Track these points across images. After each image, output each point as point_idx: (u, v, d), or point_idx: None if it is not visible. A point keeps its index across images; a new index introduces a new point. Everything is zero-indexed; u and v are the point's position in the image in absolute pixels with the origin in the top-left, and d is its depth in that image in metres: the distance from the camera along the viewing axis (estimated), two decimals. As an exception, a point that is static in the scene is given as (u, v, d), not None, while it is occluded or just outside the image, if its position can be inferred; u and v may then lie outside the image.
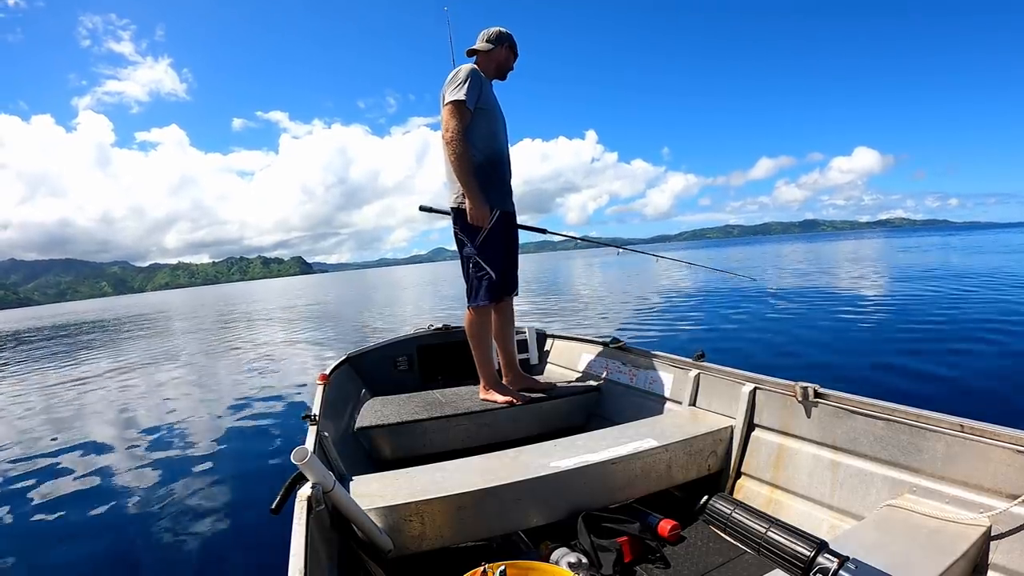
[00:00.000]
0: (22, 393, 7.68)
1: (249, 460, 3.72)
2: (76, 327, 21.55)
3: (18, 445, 4.95)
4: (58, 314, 45.86)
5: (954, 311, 6.95)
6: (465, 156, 2.23)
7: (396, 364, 3.16)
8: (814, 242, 71.16)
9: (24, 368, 10.71)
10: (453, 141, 2.21)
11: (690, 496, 1.81)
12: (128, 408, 6.14)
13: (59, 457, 4.41)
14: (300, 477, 1.25)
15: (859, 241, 54.47)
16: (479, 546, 1.59)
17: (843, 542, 1.25)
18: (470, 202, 2.26)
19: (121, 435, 4.91)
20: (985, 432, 1.27)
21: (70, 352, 12.67)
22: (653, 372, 2.39)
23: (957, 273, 12.33)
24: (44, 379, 8.86)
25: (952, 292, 8.81)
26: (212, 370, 8.23)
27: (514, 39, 2.50)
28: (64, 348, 13.97)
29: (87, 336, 15.84)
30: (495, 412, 2.36)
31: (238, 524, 2.69)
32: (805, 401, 1.67)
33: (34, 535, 2.91)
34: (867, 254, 25.48)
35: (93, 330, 16.53)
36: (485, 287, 2.38)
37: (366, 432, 2.19)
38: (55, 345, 15.38)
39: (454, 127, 2.20)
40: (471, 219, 2.30)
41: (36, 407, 6.65)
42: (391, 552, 1.40)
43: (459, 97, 2.20)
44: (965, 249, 24.13)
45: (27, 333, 22.41)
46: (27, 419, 5.98)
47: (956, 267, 14.32)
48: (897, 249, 27.37)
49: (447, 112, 2.22)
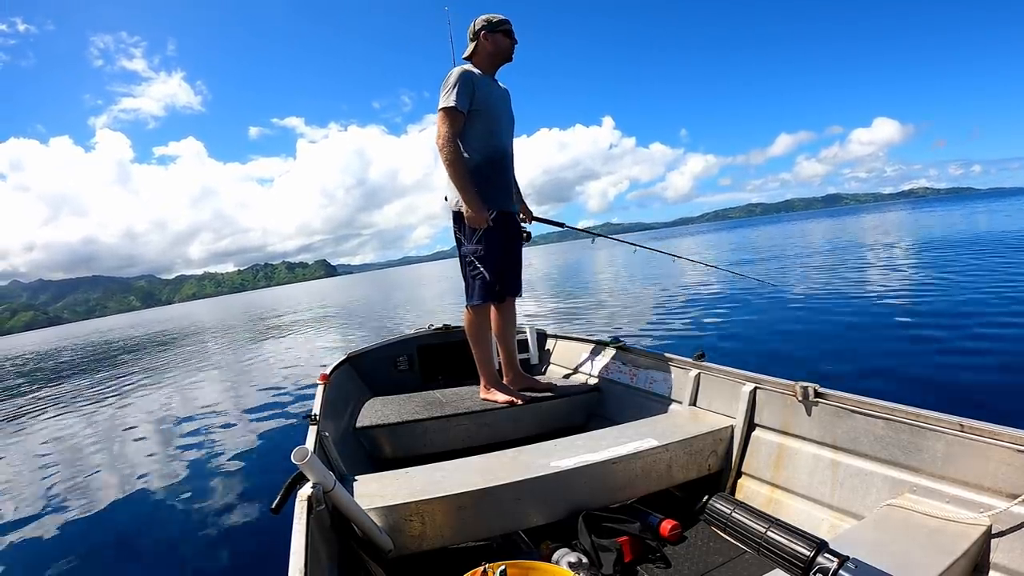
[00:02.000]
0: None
1: (249, 460, 3.73)
2: (104, 345, 21.29)
3: (18, 445, 4.95)
4: (89, 332, 45.63)
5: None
6: (458, 161, 2.24)
7: (396, 364, 3.16)
8: (837, 217, 68.69)
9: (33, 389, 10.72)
10: (445, 147, 2.22)
11: (690, 496, 1.81)
12: (129, 408, 6.14)
13: (59, 456, 4.42)
14: (300, 477, 1.25)
15: (882, 215, 51.83)
16: (479, 546, 1.59)
17: (843, 542, 1.25)
18: (467, 207, 2.26)
19: (121, 436, 4.92)
20: (985, 432, 1.26)
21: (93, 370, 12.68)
22: (653, 372, 2.39)
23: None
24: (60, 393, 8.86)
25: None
26: (214, 373, 8.23)
27: (495, 21, 2.40)
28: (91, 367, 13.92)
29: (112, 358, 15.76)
30: (495, 412, 2.36)
31: (238, 523, 2.70)
32: (805, 401, 1.67)
33: (34, 535, 2.91)
34: (893, 228, 24.18)
35: (117, 351, 16.39)
36: (479, 287, 2.39)
37: (366, 432, 2.19)
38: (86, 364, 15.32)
39: (445, 133, 2.22)
40: (469, 223, 2.30)
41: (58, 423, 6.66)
42: (391, 552, 1.40)
43: (449, 104, 2.22)
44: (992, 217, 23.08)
45: (56, 353, 21.99)
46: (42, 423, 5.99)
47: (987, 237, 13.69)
48: (922, 223, 26.00)
49: (439, 119, 2.24)
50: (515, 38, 2.46)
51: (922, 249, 13.12)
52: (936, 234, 17.49)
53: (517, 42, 2.48)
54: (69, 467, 4.09)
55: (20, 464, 4.43)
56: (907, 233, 20.10)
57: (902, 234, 19.78)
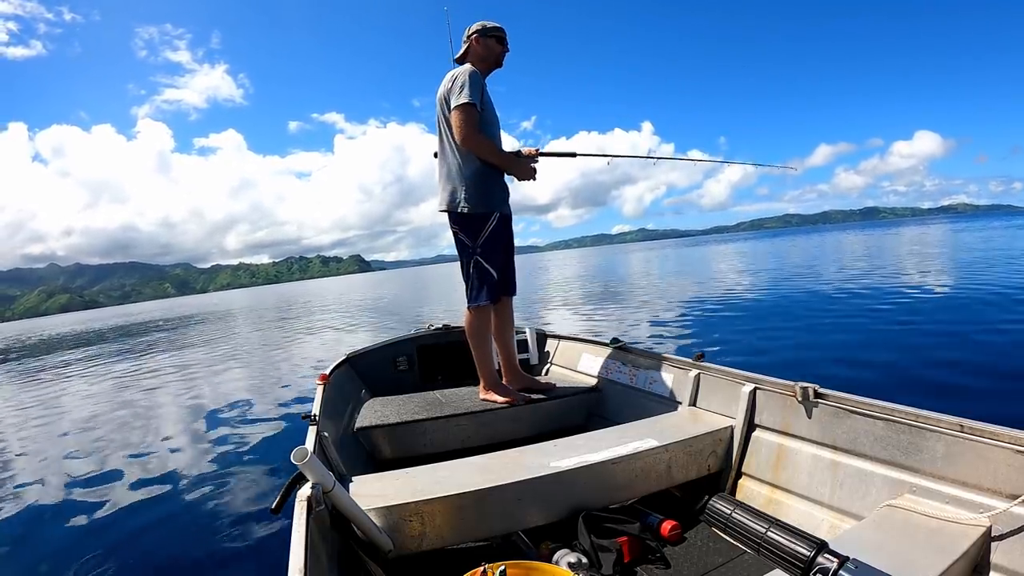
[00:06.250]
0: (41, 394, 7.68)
1: (249, 460, 3.72)
2: (131, 328, 21.16)
3: (20, 444, 4.95)
4: (123, 314, 45.32)
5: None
6: (489, 143, 2.34)
7: (396, 364, 3.16)
8: (870, 231, 66.42)
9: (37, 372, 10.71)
10: (472, 137, 2.28)
11: (690, 496, 1.81)
12: (129, 411, 6.14)
13: (58, 457, 4.41)
14: (300, 477, 1.25)
15: (921, 228, 50.74)
16: (479, 546, 1.59)
17: (843, 542, 1.25)
18: (517, 170, 2.44)
19: (121, 436, 4.91)
20: (985, 432, 1.27)
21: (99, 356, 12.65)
22: (653, 372, 2.39)
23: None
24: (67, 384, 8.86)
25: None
26: (216, 372, 8.23)
27: (489, 27, 2.43)
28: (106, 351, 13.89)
29: (116, 344, 15.66)
30: (495, 412, 2.36)
31: (238, 524, 2.69)
32: (805, 401, 1.67)
33: (34, 534, 2.91)
34: (933, 244, 23.44)
35: (133, 334, 16.30)
36: (487, 287, 2.40)
37: (366, 432, 2.19)
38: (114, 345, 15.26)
39: (469, 127, 2.26)
40: (523, 177, 2.46)
41: (50, 404, 6.65)
42: (391, 552, 1.40)
43: (469, 100, 2.25)
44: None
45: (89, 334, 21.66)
46: (31, 412, 5.98)
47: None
48: (962, 239, 25.36)
49: (459, 115, 2.25)
50: (507, 45, 2.50)
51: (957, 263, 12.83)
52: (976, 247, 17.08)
53: (508, 50, 2.51)
54: (64, 461, 4.09)
55: (21, 463, 4.42)
56: (945, 246, 19.69)
57: (939, 247, 19.35)
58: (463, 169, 2.35)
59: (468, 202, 2.34)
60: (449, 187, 2.38)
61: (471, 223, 2.38)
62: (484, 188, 2.37)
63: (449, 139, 2.37)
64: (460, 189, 2.35)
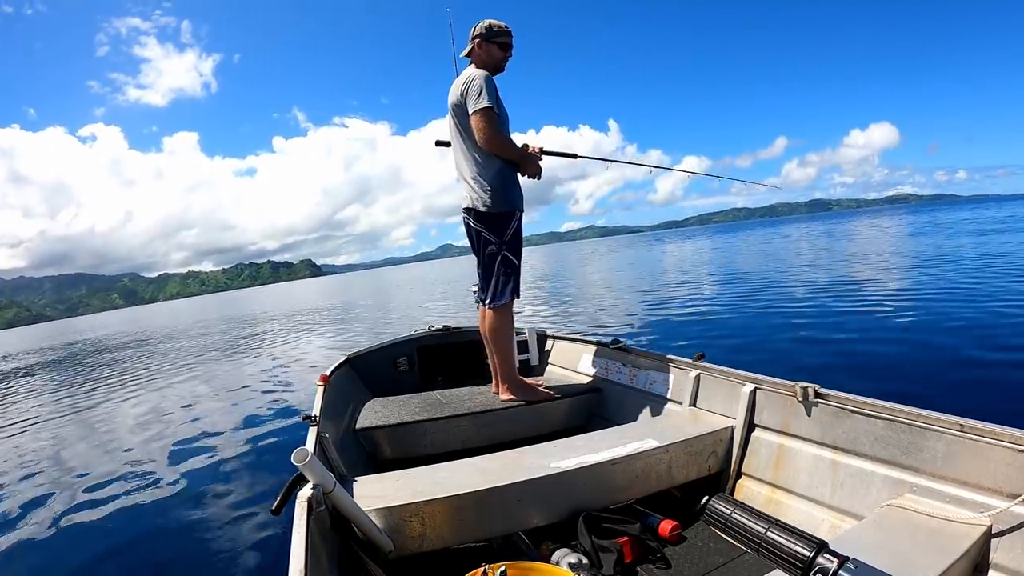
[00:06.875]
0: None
1: (249, 461, 3.72)
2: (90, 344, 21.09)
3: (20, 443, 4.95)
4: (86, 328, 45.15)
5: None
6: (510, 143, 2.41)
7: (396, 365, 3.16)
8: (816, 223, 66.75)
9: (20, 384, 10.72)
10: (496, 138, 2.31)
11: (690, 496, 1.81)
12: (130, 410, 6.14)
13: (58, 458, 4.42)
14: (300, 478, 1.26)
15: (859, 222, 51.11)
16: (479, 547, 1.59)
17: (843, 542, 1.25)
18: (527, 165, 2.48)
19: (122, 437, 4.92)
20: (985, 432, 1.27)
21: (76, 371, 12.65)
22: (653, 373, 2.39)
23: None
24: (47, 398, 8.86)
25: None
26: (214, 374, 8.23)
27: (495, 31, 2.43)
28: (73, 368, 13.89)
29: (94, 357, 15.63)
30: (495, 413, 2.36)
31: (239, 524, 2.70)
32: (805, 401, 1.67)
33: (38, 535, 2.91)
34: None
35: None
36: (513, 283, 2.45)
37: (366, 433, 2.19)
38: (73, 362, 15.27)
39: (493, 129, 2.30)
40: (533, 172, 2.50)
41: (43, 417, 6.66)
42: (391, 553, 1.40)
43: (489, 104, 2.28)
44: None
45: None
46: (33, 424, 5.98)
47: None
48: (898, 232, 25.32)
49: (480, 119, 2.28)
50: (510, 51, 2.51)
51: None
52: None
53: (511, 55, 2.52)
54: (64, 468, 4.09)
55: (19, 464, 4.43)
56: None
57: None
58: (486, 170, 2.38)
59: (493, 201, 2.38)
60: (475, 187, 2.41)
61: (496, 222, 2.42)
62: (507, 187, 2.42)
63: (467, 141, 2.40)
64: (486, 189, 2.38)
